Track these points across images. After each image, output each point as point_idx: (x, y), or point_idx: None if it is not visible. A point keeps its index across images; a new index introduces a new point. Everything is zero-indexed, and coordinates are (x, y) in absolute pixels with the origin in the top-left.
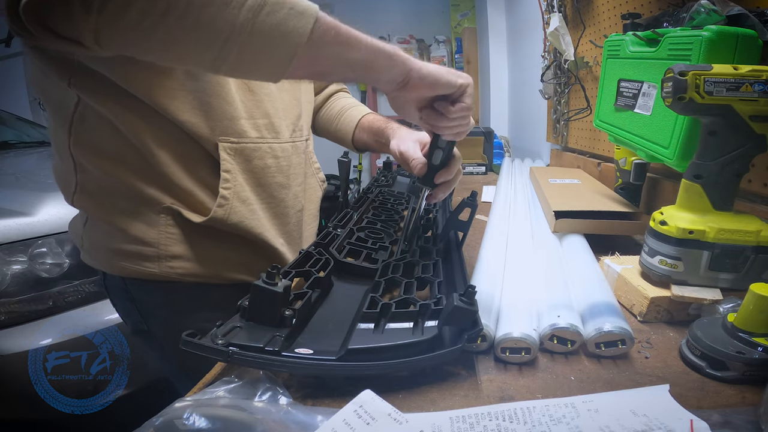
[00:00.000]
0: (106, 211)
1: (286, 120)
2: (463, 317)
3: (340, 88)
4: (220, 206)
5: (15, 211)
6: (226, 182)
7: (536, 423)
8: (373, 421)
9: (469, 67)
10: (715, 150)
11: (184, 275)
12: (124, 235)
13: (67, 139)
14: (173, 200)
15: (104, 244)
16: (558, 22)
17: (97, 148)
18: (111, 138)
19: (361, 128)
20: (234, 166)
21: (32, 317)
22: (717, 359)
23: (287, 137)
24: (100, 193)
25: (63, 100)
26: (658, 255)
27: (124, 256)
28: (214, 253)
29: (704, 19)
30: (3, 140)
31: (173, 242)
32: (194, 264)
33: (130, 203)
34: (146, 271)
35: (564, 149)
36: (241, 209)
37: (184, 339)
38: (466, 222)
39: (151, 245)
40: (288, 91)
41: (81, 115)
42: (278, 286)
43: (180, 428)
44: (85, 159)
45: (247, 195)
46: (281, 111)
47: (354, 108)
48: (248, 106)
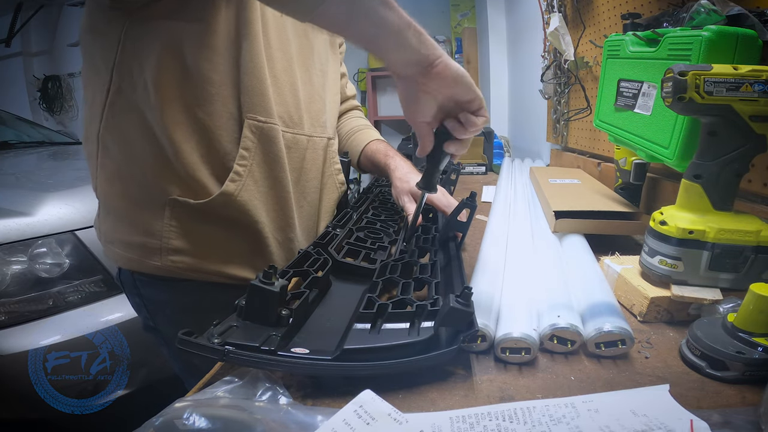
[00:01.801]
0: (119, 198)
1: (307, 113)
2: (459, 318)
3: (353, 107)
4: (233, 181)
5: (15, 211)
6: (243, 159)
7: (536, 423)
8: (373, 421)
9: (469, 67)
10: (715, 150)
11: (184, 270)
12: (132, 227)
13: (98, 124)
14: (180, 191)
15: (116, 237)
16: (558, 22)
17: (121, 133)
18: (135, 125)
19: (365, 155)
20: (255, 144)
21: (32, 317)
22: (717, 359)
23: (305, 130)
24: (116, 179)
25: (100, 86)
26: (658, 255)
27: (132, 248)
28: (214, 246)
29: (704, 19)
30: (3, 140)
31: (175, 235)
32: (195, 260)
33: (141, 191)
34: (151, 264)
35: (564, 149)
36: (252, 189)
37: (180, 338)
38: (465, 223)
39: (155, 237)
40: (311, 84)
41: (112, 103)
42: (275, 286)
43: (180, 428)
44: (109, 142)
45: (260, 177)
46: (302, 102)
47: (362, 132)
48: (272, 90)
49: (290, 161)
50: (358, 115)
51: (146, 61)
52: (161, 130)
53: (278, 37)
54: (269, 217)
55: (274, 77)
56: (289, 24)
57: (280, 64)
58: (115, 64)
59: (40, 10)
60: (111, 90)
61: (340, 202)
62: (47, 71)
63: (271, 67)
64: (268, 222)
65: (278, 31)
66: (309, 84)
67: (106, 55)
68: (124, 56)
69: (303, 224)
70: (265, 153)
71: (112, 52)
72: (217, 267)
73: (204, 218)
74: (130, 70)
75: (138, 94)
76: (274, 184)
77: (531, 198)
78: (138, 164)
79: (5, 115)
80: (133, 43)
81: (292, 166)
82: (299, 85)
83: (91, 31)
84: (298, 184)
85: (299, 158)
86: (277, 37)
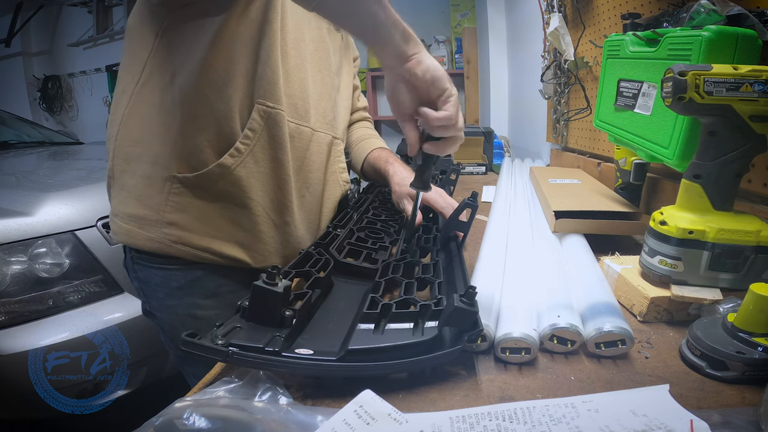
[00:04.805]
0: (131, 176)
1: (315, 109)
2: (463, 318)
3: (363, 117)
4: (232, 156)
5: (15, 211)
6: (247, 139)
7: (536, 423)
8: (373, 421)
9: (469, 67)
10: (715, 150)
11: (174, 242)
12: (138, 201)
13: (124, 109)
14: (184, 168)
15: (121, 210)
16: (558, 22)
17: (140, 116)
18: (154, 108)
19: (368, 163)
20: (261, 127)
21: (32, 317)
22: (717, 359)
23: (310, 123)
24: (131, 158)
25: (133, 75)
26: (658, 255)
27: (132, 220)
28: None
29: (704, 19)
30: (3, 140)
31: (172, 209)
32: (185, 232)
33: (150, 169)
34: (144, 235)
35: (564, 149)
36: (251, 167)
37: (183, 339)
38: (466, 223)
39: (154, 209)
40: (322, 84)
41: (140, 89)
42: (278, 287)
43: (180, 428)
44: (131, 123)
45: (262, 158)
46: (310, 98)
47: (366, 140)
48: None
49: (293, 150)
50: (366, 126)
51: (176, 54)
52: (175, 111)
53: (294, 38)
54: (267, 197)
55: (286, 72)
56: (307, 29)
57: (293, 61)
58: (150, 55)
59: (40, 10)
60: (141, 78)
61: (341, 201)
62: (47, 71)
63: (284, 63)
64: (266, 202)
65: (295, 33)
66: (320, 84)
67: (144, 47)
68: (158, 49)
69: (304, 214)
70: (270, 136)
71: (149, 45)
72: (206, 242)
73: (200, 193)
74: (161, 62)
75: (164, 82)
76: (275, 166)
77: (531, 198)
78: (150, 143)
79: (5, 115)
80: (168, 38)
81: (295, 154)
82: (309, 83)
83: (135, 25)
84: (300, 172)
85: (302, 148)
86: (293, 38)
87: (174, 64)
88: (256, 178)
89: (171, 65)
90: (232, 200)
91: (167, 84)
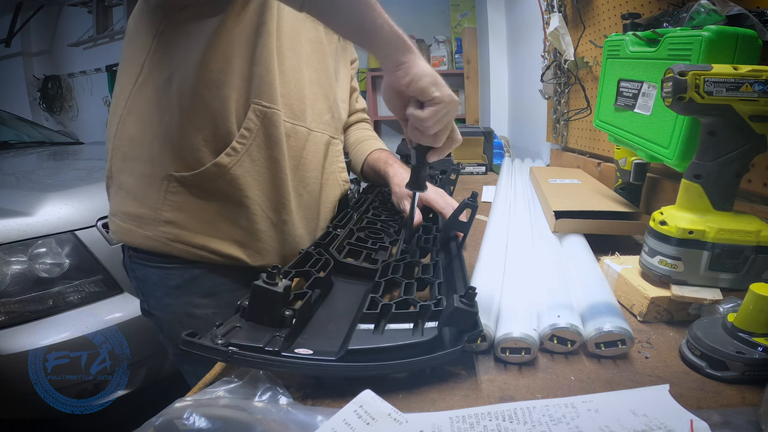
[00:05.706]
0: (129, 174)
1: (311, 109)
2: (463, 319)
3: (362, 119)
4: (228, 155)
5: (15, 211)
6: (243, 138)
7: (536, 423)
8: (373, 421)
9: (469, 67)
10: (715, 150)
11: (171, 240)
12: (136, 200)
13: (122, 109)
14: (181, 167)
15: (119, 209)
16: (558, 22)
17: (138, 115)
18: (151, 107)
19: (368, 165)
20: (257, 126)
21: (32, 317)
22: (717, 359)
23: (306, 123)
24: (129, 157)
25: (131, 75)
26: (658, 255)
27: (130, 218)
28: (202, 219)
29: (704, 19)
30: (3, 140)
31: (169, 208)
32: (182, 231)
33: (148, 168)
34: (142, 234)
35: (564, 149)
36: (248, 166)
37: (183, 339)
38: (466, 223)
39: (151, 208)
40: (318, 85)
41: (138, 89)
42: (278, 286)
43: (180, 428)
44: (128, 122)
45: (258, 157)
46: (306, 99)
47: (366, 142)
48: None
49: (289, 149)
50: (365, 127)
51: (173, 54)
52: (172, 111)
53: (291, 39)
54: (264, 196)
55: (282, 72)
56: (303, 30)
57: (289, 62)
58: (148, 56)
59: (40, 10)
60: (139, 79)
61: (340, 201)
62: (47, 71)
63: (280, 63)
64: (263, 200)
65: (291, 34)
66: (316, 84)
67: (142, 48)
68: (156, 50)
69: (302, 212)
70: (266, 135)
71: (147, 46)
72: (203, 241)
73: (197, 191)
74: (158, 62)
75: (161, 83)
76: (272, 165)
77: (531, 198)
78: (148, 143)
79: (5, 115)
80: (165, 39)
81: (291, 153)
82: (305, 83)
83: (133, 27)
84: (297, 171)
85: (299, 147)
86: (289, 39)
87: (171, 64)
88: (253, 177)
89: (168, 66)
90: (230, 199)
91: (164, 84)
